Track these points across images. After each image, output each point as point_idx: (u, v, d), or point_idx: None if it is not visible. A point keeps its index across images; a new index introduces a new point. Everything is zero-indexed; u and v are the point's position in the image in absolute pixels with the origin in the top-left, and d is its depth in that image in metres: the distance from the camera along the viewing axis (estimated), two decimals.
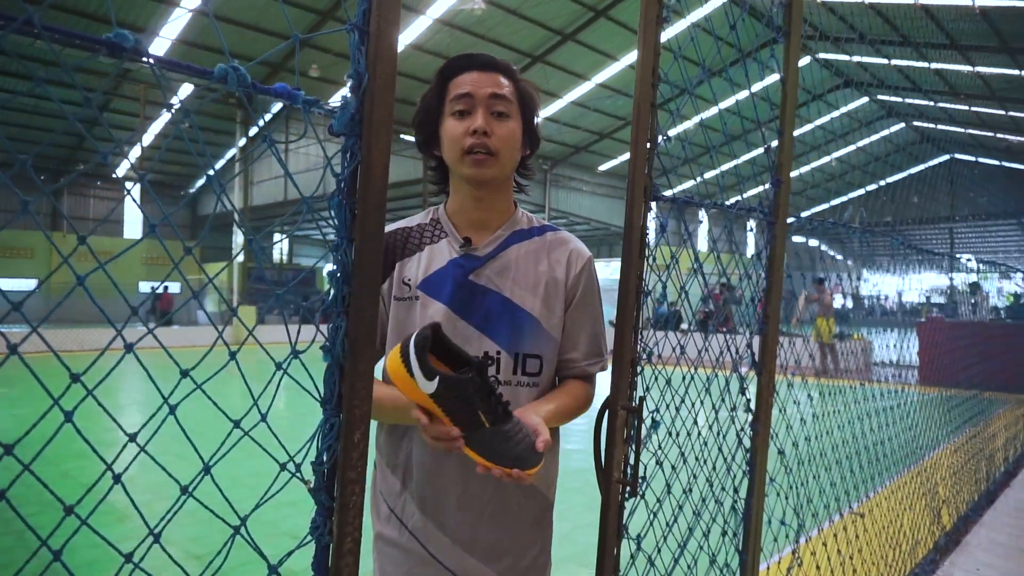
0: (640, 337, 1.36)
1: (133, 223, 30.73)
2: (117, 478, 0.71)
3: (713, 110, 1.72)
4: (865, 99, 21.88)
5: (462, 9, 15.80)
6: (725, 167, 1.83)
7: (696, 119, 1.48)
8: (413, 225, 1.43)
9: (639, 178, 1.34)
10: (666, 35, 1.42)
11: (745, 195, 1.87)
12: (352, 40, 0.85)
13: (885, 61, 17.94)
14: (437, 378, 1.05)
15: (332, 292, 0.87)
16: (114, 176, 28.76)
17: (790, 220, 1.90)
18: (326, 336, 0.86)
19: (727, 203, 1.68)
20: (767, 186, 1.83)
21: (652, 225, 1.41)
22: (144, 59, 0.69)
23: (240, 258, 22.37)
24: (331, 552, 0.87)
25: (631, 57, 19.81)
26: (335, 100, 0.87)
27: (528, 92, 1.38)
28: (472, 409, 1.06)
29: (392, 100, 0.87)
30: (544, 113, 22.42)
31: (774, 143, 1.80)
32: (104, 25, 15.50)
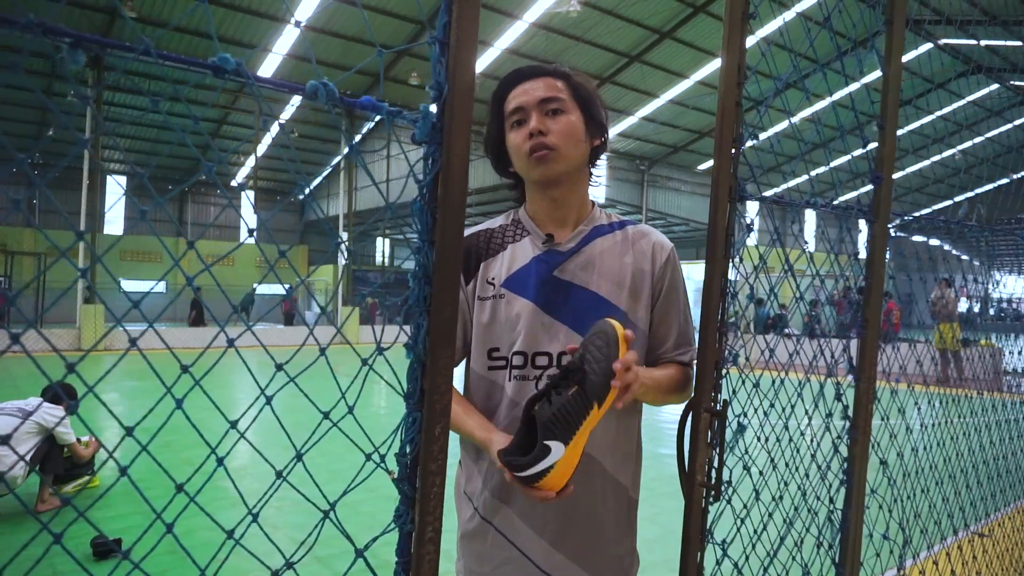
0: (725, 339, 1.34)
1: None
2: (220, 461, 0.78)
3: (811, 108, 1.66)
4: (995, 86, 20.18)
5: (558, 12, 15.85)
6: (833, 164, 1.76)
7: (792, 119, 1.44)
8: (495, 227, 1.46)
9: (723, 178, 1.32)
10: (766, 29, 1.38)
11: (857, 192, 1.78)
12: (433, 52, 0.90)
13: (1020, 43, 16.48)
14: (548, 454, 1.11)
15: (415, 292, 0.91)
16: (233, 184, 30.77)
17: (896, 221, 1.81)
18: (409, 335, 0.91)
19: (821, 201, 1.61)
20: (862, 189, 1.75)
21: (738, 225, 1.38)
22: (244, 78, 0.76)
23: (343, 260, 23.38)
24: (413, 540, 0.92)
25: None
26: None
27: (581, 83, 1.38)
28: (567, 412, 1.11)
29: (471, 109, 0.91)
30: (642, 112, 22.12)
31: (873, 145, 1.72)
32: (222, 43, 16.65)
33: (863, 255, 1.92)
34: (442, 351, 0.90)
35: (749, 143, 1.39)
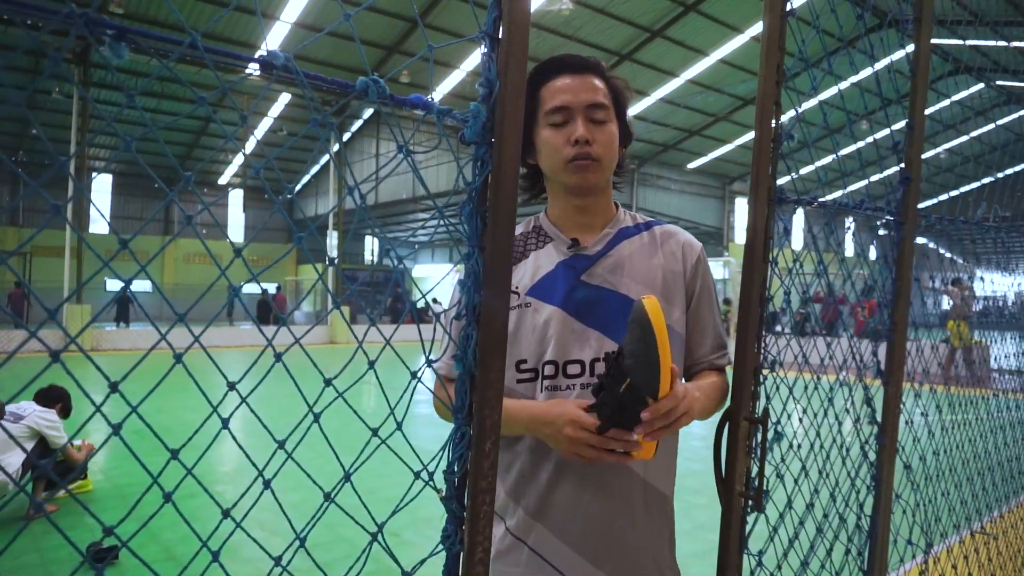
0: (764, 344, 1.30)
1: (236, 226, 32.51)
2: (267, 484, 0.73)
3: (826, 93, 1.62)
4: (980, 85, 20.34)
5: (549, 10, 15.80)
6: (845, 150, 1.72)
7: (802, 107, 1.40)
8: (516, 234, 1.40)
9: (762, 179, 1.28)
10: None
11: (849, 188, 1.76)
12: (483, 48, 0.85)
13: (1004, 43, 16.62)
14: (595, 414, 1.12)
15: (463, 301, 0.87)
16: (220, 184, 30.55)
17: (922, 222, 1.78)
18: (457, 343, 0.87)
19: (852, 204, 1.58)
20: (873, 179, 1.72)
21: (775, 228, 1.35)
22: (292, 73, 0.71)
23: (334, 259, 23.16)
24: (462, 561, 0.87)
25: (721, 52, 19.24)
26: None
27: (620, 90, 1.35)
28: (611, 404, 1.08)
29: (523, 107, 0.86)
30: (632, 111, 22.03)
31: (889, 127, 1.69)
32: (206, 40, 16.44)
33: (849, 253, 1.89)
34: (493, 363, 0.86)
35: (784, 123, 1.35)
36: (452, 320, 0.93)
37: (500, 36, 0.85)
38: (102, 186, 29.27)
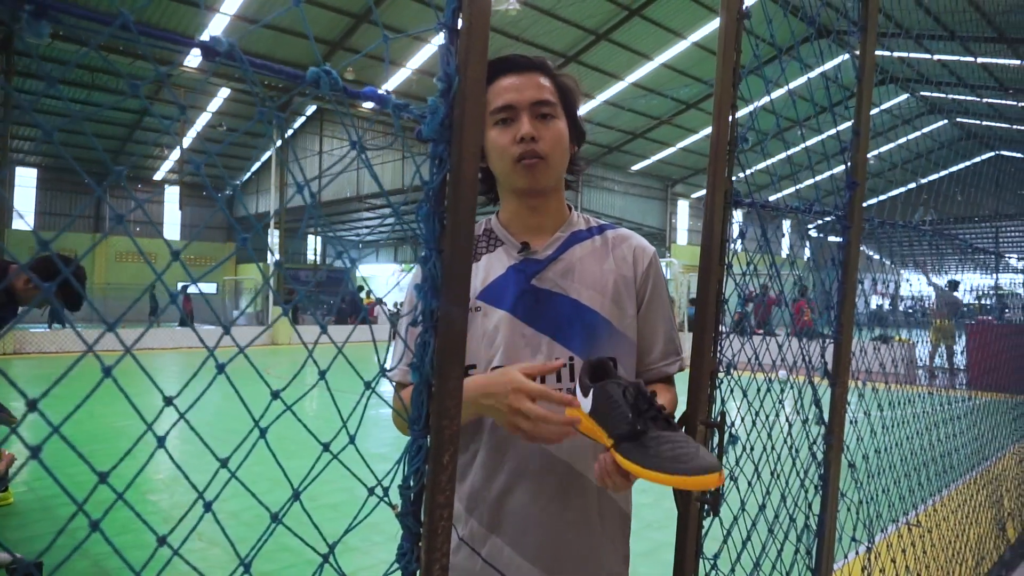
0: (720, 348, 1.30)
1: (172, 224, 31.36)
2: (208, 506, 0.68)
3: (776, 93, 1.64)
4: (905, 96, 21.32)
5: (496, 10, 15.78)
6: (792, 151, 1.75)
7: (754, 104, 1.41)
8: None
9: (719, 182, 1.27)
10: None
11: (787, 192, 1.79)
12: (442, 40, 0.81)
13: (928, 56, 17.44)
14: (591, 391, 1.07)
15: (419, 307, 0.82)
16: (155, 179, 29.39)
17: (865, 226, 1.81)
18: (413, 350, 0.82)
19: (803, 207, 1.60)
20: (818, 178, 1.75)
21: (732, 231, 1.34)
22: (236, 61, 0.65)
23: (276, 258, 22.63)
24: None
25: (664, 56, 19.60)
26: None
27: (568, 87, 1.33)
28: (621, 412, 1.03)
29: (484, 103, 0.82)
30: (577, 113, 22.32)
31: (835, 130, 1.72)
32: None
33: (785, 253, 1.92)
34: (451, 370, 0.82)
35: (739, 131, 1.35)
36: (408, 326, 0.89)
37: (460, 28, 0.81)
38: (27, 180, 27.77)
